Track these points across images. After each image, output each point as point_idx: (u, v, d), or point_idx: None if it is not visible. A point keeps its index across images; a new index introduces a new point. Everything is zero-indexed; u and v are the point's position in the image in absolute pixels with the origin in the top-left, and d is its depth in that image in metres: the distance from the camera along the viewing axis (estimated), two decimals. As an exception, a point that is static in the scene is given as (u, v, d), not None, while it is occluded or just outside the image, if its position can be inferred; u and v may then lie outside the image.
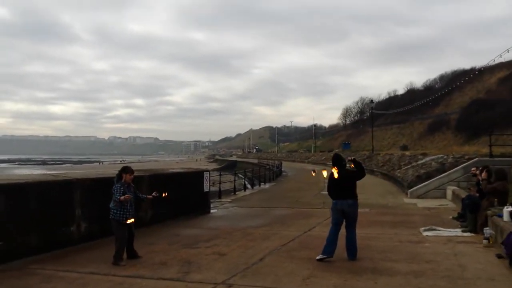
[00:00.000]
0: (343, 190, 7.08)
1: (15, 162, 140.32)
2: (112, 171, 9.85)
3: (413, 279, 5.97)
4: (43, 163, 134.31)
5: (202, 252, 7.75)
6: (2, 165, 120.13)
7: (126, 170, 7.32)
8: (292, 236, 9.18)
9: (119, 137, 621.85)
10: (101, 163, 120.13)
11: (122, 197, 6.91)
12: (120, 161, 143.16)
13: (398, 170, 24.24)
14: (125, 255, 7.07)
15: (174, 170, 12.95)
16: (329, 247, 6.98)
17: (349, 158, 7.46)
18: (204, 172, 13.54)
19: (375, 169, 32.24)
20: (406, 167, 23.90)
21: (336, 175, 7.16)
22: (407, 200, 16.14)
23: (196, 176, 13.21)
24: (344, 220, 7.15)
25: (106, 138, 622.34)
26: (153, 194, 7.63)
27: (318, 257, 6.97)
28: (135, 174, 10.26)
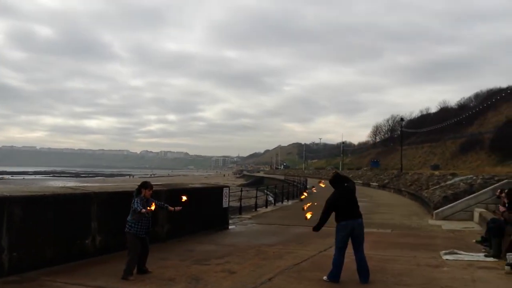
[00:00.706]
0: (353, 209, 6.94)
1: (49, 174, 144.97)
2: (132, 185, 10.00)
3: (425, 305, 5.74)
4: (76, 175, 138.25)
5: (212, 269, 7.70)
6: (38, 176, 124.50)
7: (145, 185, 7.38)
8: (306, 255, 9.03)
9: (151, 151, 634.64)
10: (131, 177, 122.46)
11: (144, 210, 6.96)
12: (151, 175, 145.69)
13: (426, 190, 23.60)
14: (135, 270, 7.10)
15: (194, 185, 13.03)
16: (339, 272, 6.80)
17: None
18: (224, 188, 13.54)
19: (402, 189, 31.53)
20: (434, 187, 23.26)
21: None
22: (431, 221, 15.63)
23: (216, 192, 13.22)
24: (351, 242, 6.94)
25: (138, 152, 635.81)
26: (176, 208, 7.58)
27: (325, 278, 6.83)
28: (155, 188, 10.40)
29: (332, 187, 7.13)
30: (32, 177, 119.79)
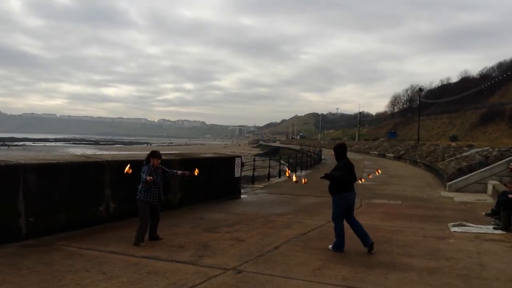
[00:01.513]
0: (353, 182, 7.14)
1: (69, 141, 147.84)
2: (145, 153, 10.16)
3: (426, 275, 5.82)
4: (96, 143, 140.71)
5: (221, 237, 7.90)
6: (58, 143, 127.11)
7: (154, 154, 7.51)
8: (314, 225, 9.16)
9: (168, 120, 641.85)
10: (149, 145, 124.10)
11: (149, 178, 7.10)
12: (168, 144, 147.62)
13: (441, 162, 23.42)
14: (147, 236, 7.34)
15: (206, 155, 13.20)
16: (343, 242, 7.00)
17: None
18: (236, 158, 13.70)
19: (418, 160, 31.33)
20: (450, 159, 23.04)
21: None
22: (444, 193, 15.59)
23: (227, 162, 13.39)
24: (347, 212, 7.15)
25: (156, 121, 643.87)
26: (184, 172, 7.66)
27: (330, 248, 7.01)
28: (167, 157, 10.57)
29: (335, 155, 7.33)
30: (53, 144, 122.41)
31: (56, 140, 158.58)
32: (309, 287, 5.33)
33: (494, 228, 8.89)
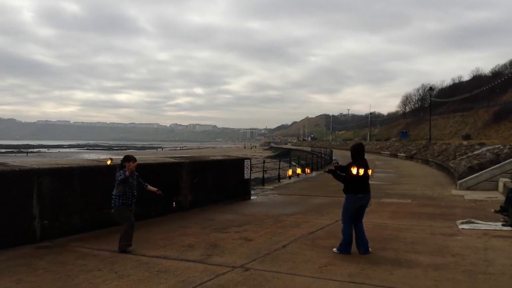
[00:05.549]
0: (368, 183, 6.99)
1: (83, 147, 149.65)
2: (155, 157, 10.36)
3: (432, 271, 5.88)
4: (109, 148, 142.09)
5: (230, 236, 8.04)
6: (72, 149, 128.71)
7: (129, 158, 7.11)
8: (322, 224, 9.26)
9: (180, 125, 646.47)
10: (161, 149, 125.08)
11: (127, 173, 6.82)
12: (180, 148, 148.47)
13: (453, 161, 23.27)
14: (116, 248, 6.81)
15: (215, 158, 13.36)
16: (351, 244, 6.94)
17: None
18: (245, 160, 13.83)
19: (430, 159, 31.14)
20: (461, 157, 22.89)
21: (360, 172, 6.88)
22: (455, 191, 15.53)
23: (237, 164, 13.54)
24: (356, 214, 6.97)
25: (168, 125, 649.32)
26: (158, 191, 7.35)
27: (335, 250, 6.92)
28: (177, 160, 10.72)
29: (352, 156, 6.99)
30: (67, 150, 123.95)
31: (70, 146, 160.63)
32: (315, 283, 5.43)
33: (503, 225, 8.88)
